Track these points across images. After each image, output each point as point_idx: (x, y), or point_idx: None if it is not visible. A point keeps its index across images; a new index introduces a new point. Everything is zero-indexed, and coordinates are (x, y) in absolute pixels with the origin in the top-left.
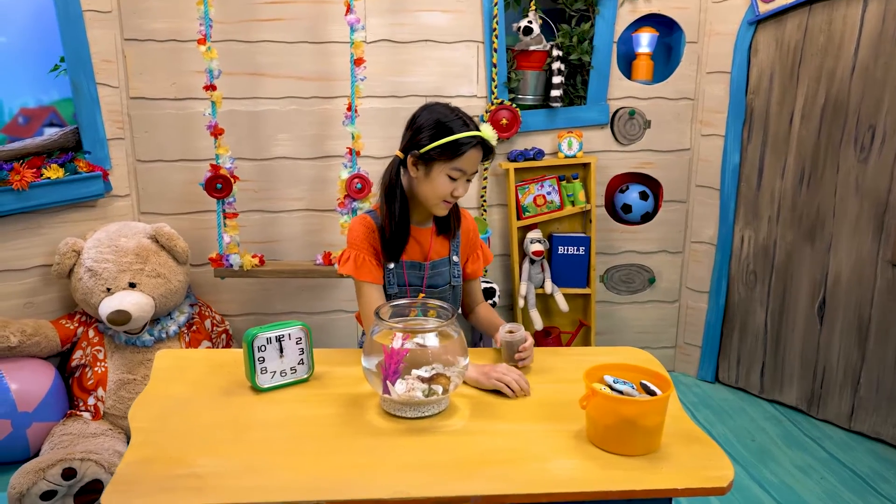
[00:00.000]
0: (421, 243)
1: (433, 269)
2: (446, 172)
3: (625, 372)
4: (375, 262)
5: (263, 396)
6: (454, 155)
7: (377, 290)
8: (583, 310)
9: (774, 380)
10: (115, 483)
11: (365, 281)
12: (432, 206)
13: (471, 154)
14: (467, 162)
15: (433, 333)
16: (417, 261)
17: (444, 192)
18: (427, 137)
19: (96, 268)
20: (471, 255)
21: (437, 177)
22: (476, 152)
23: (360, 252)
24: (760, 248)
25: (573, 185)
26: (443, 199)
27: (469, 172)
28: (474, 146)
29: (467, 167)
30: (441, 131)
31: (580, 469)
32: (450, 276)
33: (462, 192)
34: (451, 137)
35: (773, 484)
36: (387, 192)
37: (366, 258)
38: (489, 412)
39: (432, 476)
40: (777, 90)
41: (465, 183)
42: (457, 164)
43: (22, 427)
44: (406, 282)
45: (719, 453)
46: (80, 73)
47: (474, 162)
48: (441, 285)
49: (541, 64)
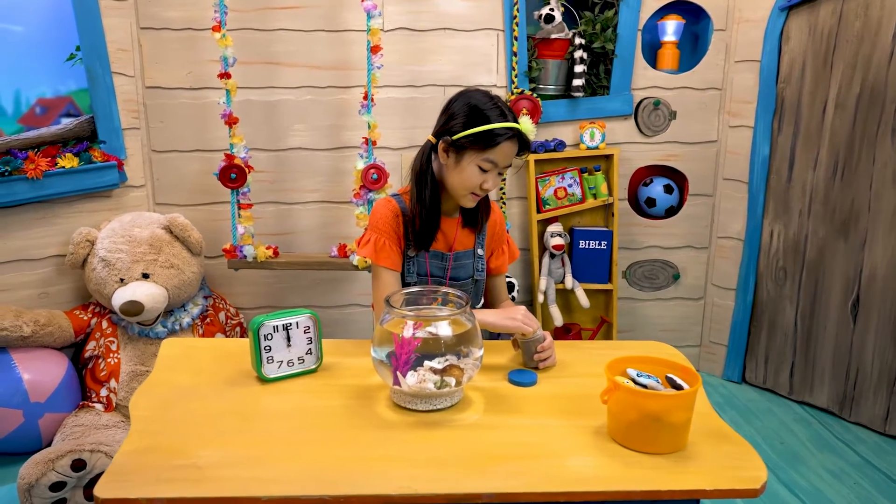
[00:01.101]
0: (446, 233)
1: (456, 261)
2: (477, 163)
3: (649, 365)
4: (396, 247)
5: (269, 387)
6: (487, 145)
7: (394, 277)
8: (604, 306)
9: (804, 380)
10: (111, 473)
11: (383, 266)
12: (459, 196)
13: (505, 146)
14: (500, 154)
15: (446, 322)
16: (440, 251)
17: (472, 184)
18: (460, 124)
19: (110, 258)
20: (496, 249)
21: (467, 166)
22: (511, 145)
23: (381, 235)
24: (790, 244)
25: (595, 177)
26: (471, 190)
27: (501, 165)
28: (510, 138)
29: (500, 159)
30: (476, 119)
31: (601, 467)
32: (473, 270)
33: (492, 185)
34: (485, 127)
35: (804, 488)
36: (417, 177)
37: (386, 242)
38: (504, 406)
39: (443, 472)
40: (809, 79)
41: (497, 176)
42: (489, 156)
43: (34, 417)
44: (428, 272)
45: (751, 453)
46: (95, 62)
47: (508, 155)
48: (463, 278)
49: (562, 52)
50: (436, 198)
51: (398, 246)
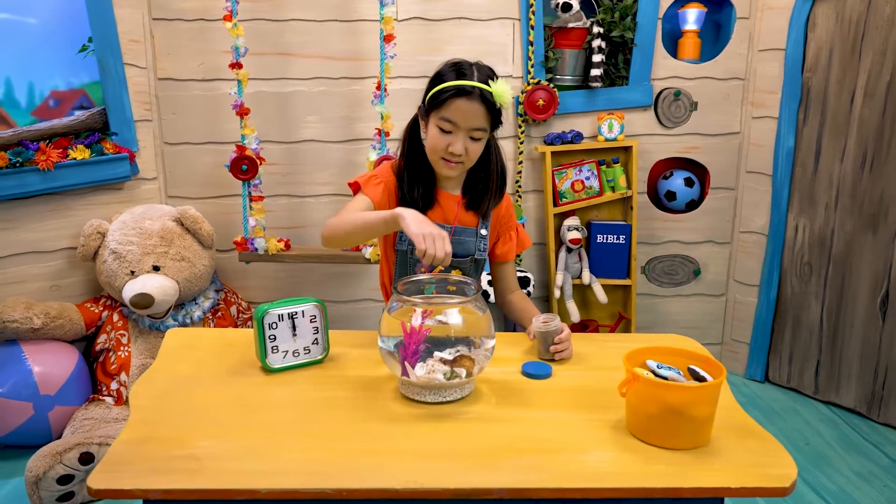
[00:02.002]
0: (444, 207)
1: (456, 236)
2: (436, 123)
3: (670, 356)
4: (387, 194)
5: (273, 377)
6: (440, 104)
7: (366, 204)
8: (622, 302)
9: (830, 380)
10: (105, 463)
11: (365, 194)
12: (434, 162)
13: (458, 103)
14: (454, 112)
15: (457, 311)
16: (438, 223)
17: (437, 146)
18: (427, 89)
19: (120, 250)
20: (503, 235)
21: (430, 129)
22: (466, 102)
23: (380, 176)
24: (816, 238)
25: (613, 169)
26: (439, 154)
27: (462, 126)
28: (462, 95)
29: (456, 118)
30: (434, 82)
31: (619, 462)
32: (475, 249)
33: (459, 148)
34: (440, 86)
35: (831, 491)
36: (403, 147)
37: (382, 182)
38: (517, 399)
39: (452, 466)
40: (837, 67)
41: (467, 139)
42: (443, 114)
43: (44, 410)
44: None
45: (778, 449)
46: (107, 54)
47: (465, 113)
48: (462, 255)
49: (580, 42)
50: (422, 167)
51: (390, 196)
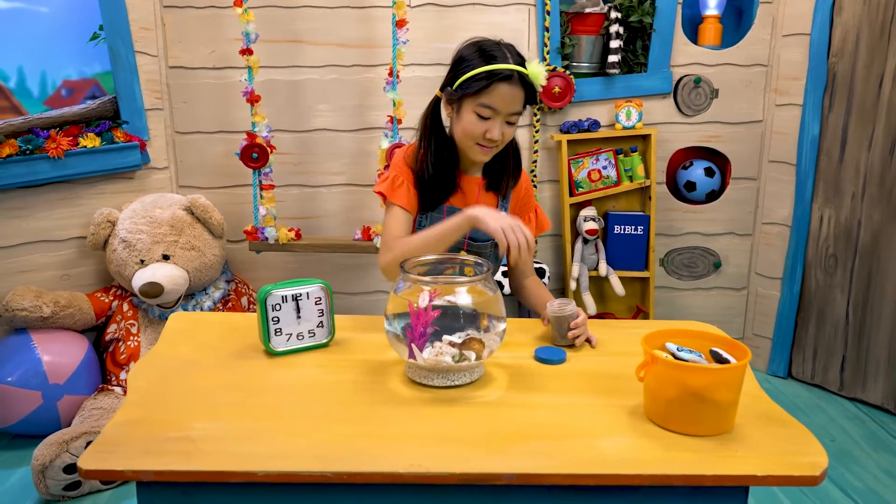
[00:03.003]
0: (465, 191)
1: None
2: (473, 109)
3: (691, 339)
4: (414, 189)
5: (276, 361)
6: (479, 90)
7: (406, 218)
8: (640, 295)
9: (856, 376)
10: (98, 444)
11: (397, 204)
12: (467, 149)
13: (500, 88)
14: (496, 98)
15: (466, 292)
16: (457, 206)
17: (473, 132)
18: (454, 73)
19: (130, 239)
20: (522, 216)
21: (465, 115)
22: (507, 87)
23: (400, 174)
24: (842, 229)
25: (631, 158)
26: (475, 140)
27: (502, 111)
28: (503, 80)
29: (496, 104)
30: (467, 65)
31: (636, 448)
32: None
33: (497, 134)
34: (475, 71)
35: (859, 490)
36: (422, 135)
37: (405, 181)
38: (529, 383)
39: (459, 450)
40: (864, 51)
41: (504, 125)
42: (483, 100)
43: (52, 399)
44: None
45: (807, 436)
46: (118, 41)
47: (506, 99)
48: (482, 239)
49: (597, 28)
50: (447, 155)
51: (411, 192)
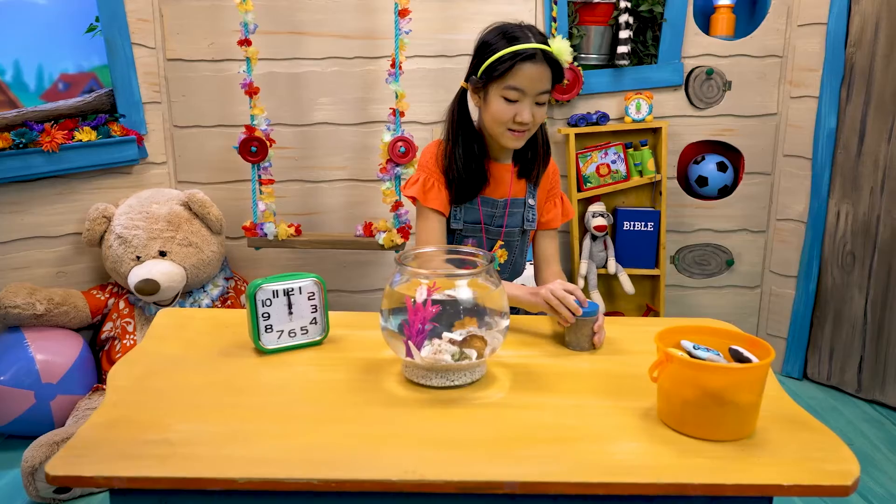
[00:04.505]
0: (497, 179)
1: (511, 209)
2: (500, 94)
3: (708, 336)
4: (445, 189)
5: (266, 359)
6: (503, 72)
7: (440, 222)
8: (650, 293)
9: (875, 377)
10: (69, 448)
11: (430, 207)
12: (498, 136)
13: (525, 69)
14: (522, 78)
15: (467, 286)
16: (492, 197)
17: (503, 117)
18: (478, 60)
19: (126, 234)
20: (548, 202)
21: (493, 101)
22: (532, 66)
23: (431, 176)
24: (860, 225)
25: (641, 152)
26: (506, 125)
27: (529, 92)
28: (527, 59)
29: (523, 84)
30: (488, 50)
31: (649, 454)
32: (523, 220)
33: (527, 116)
34: (499, 53)
35: (880, 495)
36: (450, 127)
37: (436, 183)
38: (535, 383)
39: (458, 455)
40: (883, 41)
41: (533, 106)
42: (508, 82)
43: (45, 399)
44: (481, 219)
45: (835, 442)
46: (115, 33)
47: (532, 78)
48: (512, 226)
49: (606, 18)
50: (476, 147)
51: (442, 192)
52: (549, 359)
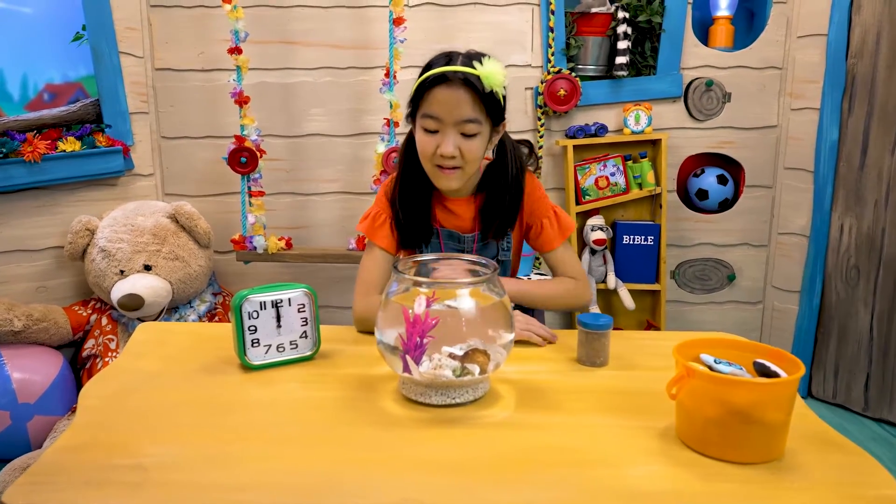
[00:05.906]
0: (458, 214)
1: (480, 243)
2: (420, 125)
3: (729, 350)
4: (393, 231)
5: (253, 375)
6: (418, 102)
7: (386, 260)
8: (651, 309)
9: (882, 395)
10: (31, 473)
11: (377, 244)
12: (431, 176)
13: (437, 93)
14: (434, 104)
15: (469, 296)
16: (456, 232)
17: (426, 151)
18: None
19: (110, 248)
20: (535, 224)
21: (417, 134)
22: (447, 91)
23: (383, 212)
24: (864, 239)
25: (641, 165)
26: (433, 162)
27: (447, 120)
28: (438, 83)
29: (438, 111)
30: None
31: (669, 478)
32: (497, 250)
33: (449, 147)
34: (418, 80)
35: None
36: (398, 170)
37: (386, 220)
38: (542, 401)
39: (460, 480)
40: (885, 51)
41: (458, 137)
42: (424, 110)
43: (22, 420)
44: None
45: (873, 465)
46: (101, 42)
47: (447, 103)
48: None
49: (604, 28)
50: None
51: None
52: (556, 375)
